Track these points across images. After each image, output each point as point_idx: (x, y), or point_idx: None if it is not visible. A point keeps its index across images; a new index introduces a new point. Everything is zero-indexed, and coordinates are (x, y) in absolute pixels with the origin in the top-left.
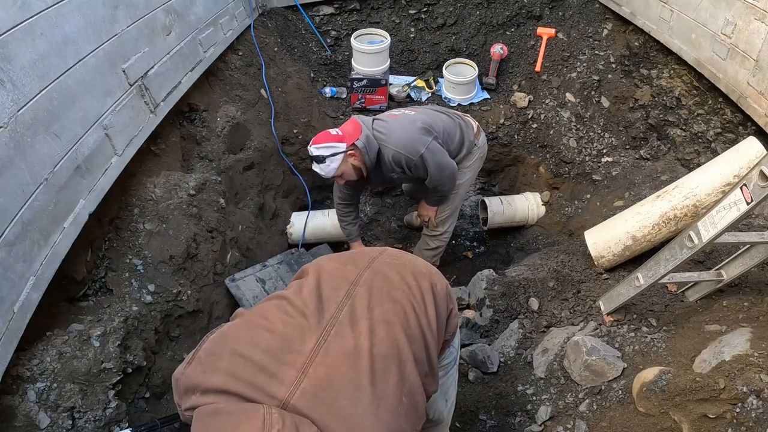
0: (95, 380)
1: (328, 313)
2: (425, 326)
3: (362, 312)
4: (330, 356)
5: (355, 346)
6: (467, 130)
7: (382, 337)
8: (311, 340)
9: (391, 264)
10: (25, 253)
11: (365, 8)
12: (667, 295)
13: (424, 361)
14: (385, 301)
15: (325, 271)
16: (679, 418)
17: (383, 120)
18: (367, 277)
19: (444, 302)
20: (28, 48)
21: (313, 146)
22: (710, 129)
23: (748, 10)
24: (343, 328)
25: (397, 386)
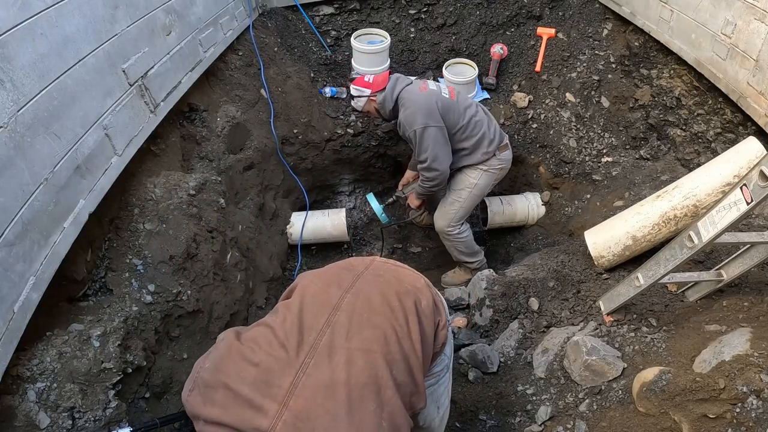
0: (95, 380)
1: (306, 344)
2: (408, 349)
3: (340, 342)
4: (307, 389)
5: (331, 378)
6: (490, 136)
7: (360, 367)
8: (290, 374)
9: (375, 282)
10: (25, 253)
11: (365, 8)
12: (667, 295)
13: (408, 383)
14: (364, 328)
15: (308, 294)
16: (679, 418)
17: (413, 87)
18: (349, 300)
19: (430, 319)
20: (28, 48)
21: (351, 84)
22: (710, 129)
23: (748, 10)
24: (321, 359)
25: (375, 413)
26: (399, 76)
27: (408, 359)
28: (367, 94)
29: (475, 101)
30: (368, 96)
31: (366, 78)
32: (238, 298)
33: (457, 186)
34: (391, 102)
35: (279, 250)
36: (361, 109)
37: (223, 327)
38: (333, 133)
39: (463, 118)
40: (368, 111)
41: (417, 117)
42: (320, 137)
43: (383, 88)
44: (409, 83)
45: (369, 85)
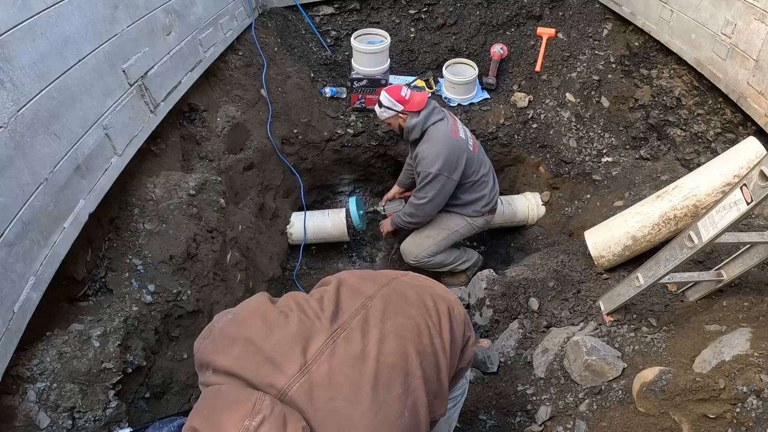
0: (95, 380)
1: (341, 319)
2: (438, 346)
3: (375, 322)
4: (335, 357)
5: (363, 351)
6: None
7: (392, 348)
8: (320, 339)
9: (410, 285)
10: (25, 253)
11: (365, 8)
12: (667, 295)
13: (433, 381)
14: (399, 315)
15: (345, 283)
16: (679, 418)
17: (445, 126)
18: (385, 293)
19: (461, 327)
20: (28, 48)
21: (384, 92)
22: (710, 129)
23: (748, 10)
24: (353, 333)
25: (400, 399)
26: (435, 106)
27: (437, 356)
28: (398, 110)
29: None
30: (399, 112)
31: (402, 92)
32: (238, 298)
33: (438, 224)
34: (419, 132)
35: (279, 250)
36: (383, 118)
37: None
38: (333, 133)
39: (476, 175)
40: (389, 123)
41: (437, 161)
42: (320, 137)
43: (417, 111)
44: (442, 118)
45: (404, 101)
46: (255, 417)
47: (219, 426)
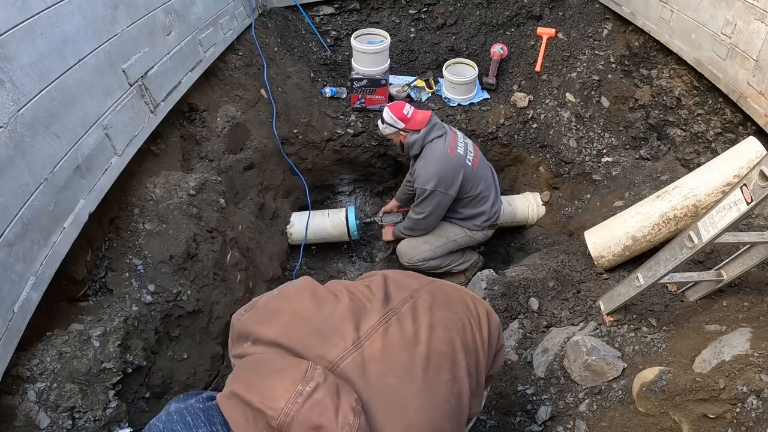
0: (95, 380)
1: (391, 303)
2: (479, 343)
3: (423, 311)
4: (389, 336)
5: (414, 334)
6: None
7: (440, 336)
8: (373, 318)
9: (450, 286)
10: (25, 253)
11: (365, 8)
12: (667, 295)
13: (474, 375)
14: (444, 308)
15: (390, 277)
16: (679, 418)
17: (442, 144)
18: (430, 288)
19: (496, 333)
20: (28, 48)
21: (387, 108)
22: (710, 129)
23: (748, 10)
24: (404, 317)
25: (448, 385)
26: (436, 123)
27: (478, 353)
28: (399, 128)
29: (492, 172)
30: (400, 130)
31: (405, 110)
32: (238, 298)
33: (437, 231)
34: (419, 148)
35: (279, 250)
36: (385, 134)
37: (223, 327)
38: (333, 133)
39: (475, 190)
40: (391, 138)
41: (433, 178)
42: (320, 137)
43: (418, 130)
44: (441, 135)
45: (406, 119)
46: (308, 383)
47: (267, 389)
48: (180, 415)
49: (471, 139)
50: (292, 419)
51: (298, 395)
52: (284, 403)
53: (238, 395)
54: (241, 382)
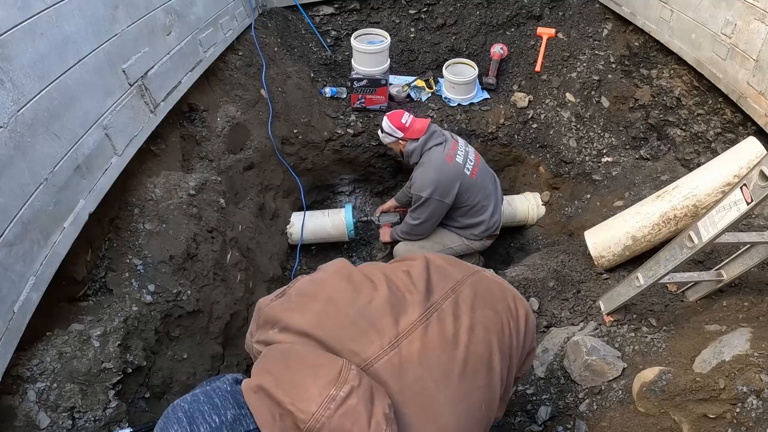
0: (95, 380)
1: (433, 297)
2: (514, 348)
3: (465, 308)
4: (428, 335)
5: (454, 336)
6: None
7: (480, 338)
8: (414, 313)
9: (493, 281)
10: (25, 253)
11: (365, 8)
12: (667, 295)
13: (504, 380)
14: (486, 307)
15: (433, 263)
16: (679, 418)
17: (440, 152)
18: (473, 281)
19: (530, 336)
20: (28, 48)
21: (386, 118)
22: (710, 129)
23: (748, 10)
24: (445, 315)
25: (482, 390)
26: (435, 130)
27: (512, 358)
28: (398, 137)
29: (495, 183)
30: (398, 139)
31: (403, 119)
32: (238, 298)
33: (434, 238)
34: (418, 156)
35: (279, 250)
36: (385, 143)
37: (223, 327)
38: (333, 133)
39: (473, 200)
40: (391, 146)
41: (429, 186)
42: (320, 137)
43: (417, 138)
44: (440, 142)
45: (404, 128)
46: (342, 386)
47: (299, 389)
48: (207, 396)
49: (471, 140)
50: (323, 425)
51: (331, 400)
52: (316, 408)
53: (267, 391)
54: (271, 375)
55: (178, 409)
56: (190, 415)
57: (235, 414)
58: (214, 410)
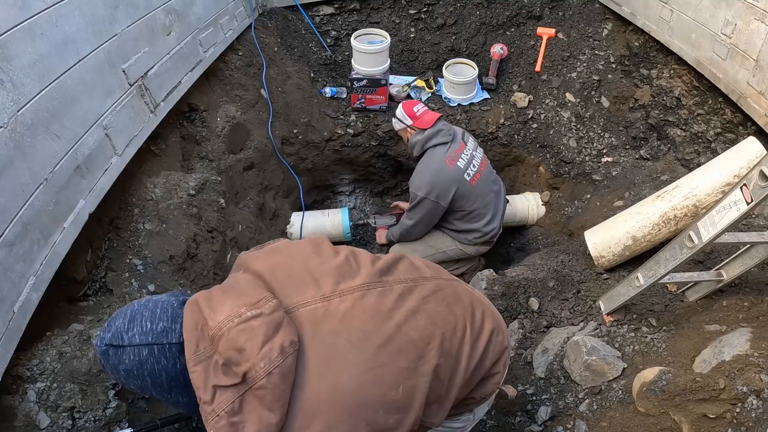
0: (95, 380)
1: (386, 277)
2: (465, 355)
3: (416, 297)
4: (362, 301)
5: (390, 311)
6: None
7: (419, 325)
8: (357, 281)
9: (468, 291)
10: (25, 253)
11: (365, 8)
12: (667, 295)
13: (443, 383)
14: (442, 304)
15: (409, 259)
16: (679, 418)
17: (442, 153)
18: (441, 283)
19: (494, 355)
20: (28, 48)
21: (401, 105)
22: (710, 129)
23: (748, 10)
24: (390, 293)
25: (401, 372)
26: (443, 128)
27: (458, 364)
28: (407, 124)
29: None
30: (407, 126)
31: (416, 108)
32: None
33: (427, 241)
34: (419, 150)
35: None
36: (396, 129)
37: None
38: (333, 133)
39: (470, 206)
40: (401, 135)
41: (424, 185)
42: (320, 137)
43: (424, 129)
44: (445, 142)
45: (414, 116)
46: (252, 309)
47: (219, 305)
48: (154, 304)
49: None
50: (223, 335)
51: (236, 316)
52: (222, 318)
53: (198, 305)
54: (209, 294)
55: (132, 306)
56: (133, 315)
57: (165, 327)
58: (151, 318)
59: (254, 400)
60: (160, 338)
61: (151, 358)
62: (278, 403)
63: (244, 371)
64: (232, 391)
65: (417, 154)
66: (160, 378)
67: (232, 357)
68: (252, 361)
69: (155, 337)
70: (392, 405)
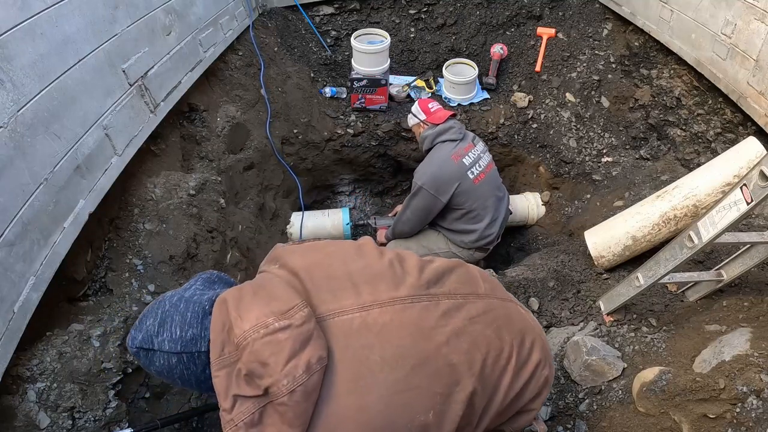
0: (95, 380)
1: (434, 289)
2: (505, 385)
3: (463, 315)
4: (403, 315)
5: (431, 329)
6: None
7: (461, 348)
8: (401, 292)
9: (522, 316)
10: (25, 253)
11: (365, 8)
12: (667, 295)
13: (475, 411)
14: (490, 328)
15: (465, 267)
16: (679, 418)
17: (449, 149)
18: (493, 303)
19: (534, 389)
20: (28, 48)
21: (417, 102)
22: (710, 129)
23: (748, 10)
24: (435, 309)
25: (434, 397)
26: (453, 126)
27: (496, 393)
28: (421, 119)
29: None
30: (421, 121)
31: (430, 105)
32: None
33: (420, 240)
34: (429, 143)
35: None
36: (409, 125)
37: None
38: (333, 133)
39: (470, 205)
40: (414, 131)
41: (426, 175)
42: (320, 137)
43: (436, 124)
44: (454, 139)
45: (428, 112)
46: (281, 320)
47: (248, 310)
48: (185, 306)
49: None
50: (248, 345)
51: (263, 326)
52: (248, 328)
53: (227, 304)
54: (239, 293)
55: (163, 305)
56: (163, 317)
57: (195, 334)
58: (180, 324)
59: (275, 414)
60: (189, 347)
61: (180, 365)
62: (299, 420)
63: (267, 386)
64: (252, 402)
65: (426, 147)
66: (190, 380)
67: (255, 370)
68: (275, 377)
69: (184, 346)
70: (420, 429)
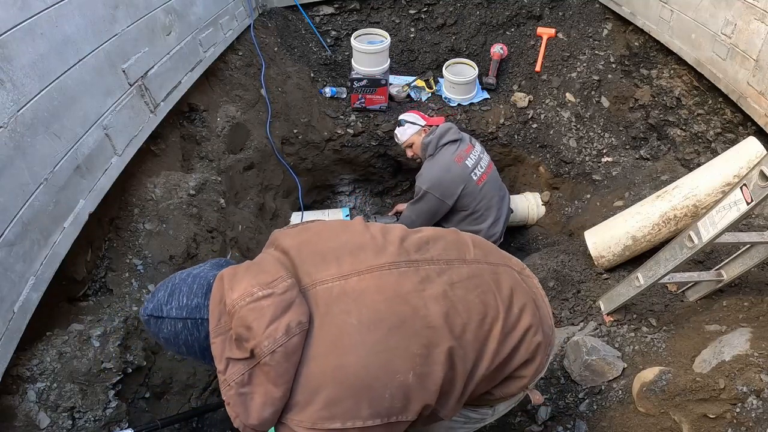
0: (95, 380)
1: (416, 255)
2: (490, 351)
3: (444, 280)
4: (381, 281)
5: (408, 293)
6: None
7: (436, 311)
8: (380, 260)
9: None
10: (25, 253)
11: (365, 8)
12: (667, 295)
13: (460, 376)
14: (472, 294)
15: (457, 234)
16: (679, 418)
17: (451, 152)
18: (480, 268)
19: (525, 354)
20: (28, 48)
21: (405, 113)
22: (710, 129)
23: (748, 10)
24: (414, 273)
25: (413, 358)
26: (451, 127)
27: (479, 359)
28: (422, 125)
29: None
30: (422, 127)
31: (420, 113)
32: None
33: None
34: (433, 148)
35: None
36: (405, 138)
37: None
38: (333, 133)
39: (474, 206)
40: (411, 143)
41: (431, 179)
42: (320, 137)
43: (436, 126)
44: (455, 140)
45: (426, 117)
46: (265, 289)
47: (235, 283)
48: (192, 279)
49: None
50: (236, 312)
51: (249, 295)
52: (236, 297)
53: (224, 279)
54: (234, 270)
55: (174, 279)
56: (173, 289)
57: (199, 303)
58: (187, 293)
59: (261, 375)
60: (193, 313)
61: (185, 331)
62: (282, 379)
63: (251, 348)
64: (242, 364)
65: (430, 153)
66: (193, 347)
67: (242, 333)
68: (257, 339)
69: (189, 312)
70: (401, 389)
